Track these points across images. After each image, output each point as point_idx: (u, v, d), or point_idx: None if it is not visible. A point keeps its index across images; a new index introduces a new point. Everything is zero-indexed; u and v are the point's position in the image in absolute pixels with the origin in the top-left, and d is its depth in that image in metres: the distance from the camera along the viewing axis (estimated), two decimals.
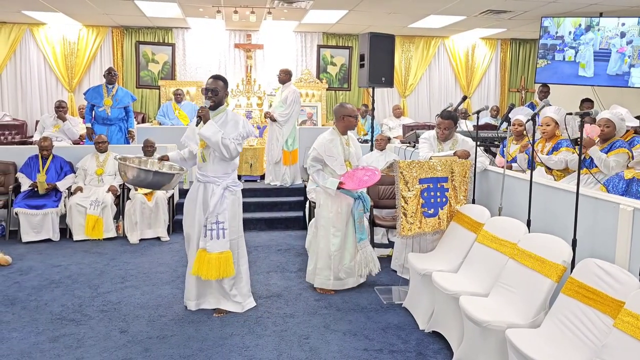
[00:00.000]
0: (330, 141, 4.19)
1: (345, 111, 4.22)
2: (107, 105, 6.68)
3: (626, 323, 2.25)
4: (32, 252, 5.36)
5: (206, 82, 3.81)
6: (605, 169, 3.99)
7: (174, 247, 5.64)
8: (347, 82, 10.29)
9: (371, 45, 6.05)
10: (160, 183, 3.74)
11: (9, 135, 8.27)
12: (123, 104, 6.81)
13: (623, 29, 7.51)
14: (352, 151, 4.30)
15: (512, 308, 2.89)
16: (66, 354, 3.21)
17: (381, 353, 3.26)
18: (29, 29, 9.15)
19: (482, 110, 4.40)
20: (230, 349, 3.29)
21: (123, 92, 6.90)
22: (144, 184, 3.82)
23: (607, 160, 3.99)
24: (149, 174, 3.66)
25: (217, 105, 3.74)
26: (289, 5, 7.56)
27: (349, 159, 4.26)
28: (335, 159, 4.14)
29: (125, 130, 6.91)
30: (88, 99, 6.79)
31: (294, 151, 7.12)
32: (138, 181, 3.69)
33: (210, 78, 3.78)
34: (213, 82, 3.73)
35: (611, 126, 4.16)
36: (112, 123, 6.77)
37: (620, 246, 2.81)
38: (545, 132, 4.58)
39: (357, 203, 4.20)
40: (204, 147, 3.71)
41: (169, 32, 9.62)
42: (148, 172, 3.67)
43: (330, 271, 4.20)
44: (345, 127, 4.25)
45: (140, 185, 3.92)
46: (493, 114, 9.59)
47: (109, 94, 6.71)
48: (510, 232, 3.34)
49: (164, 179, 3.73)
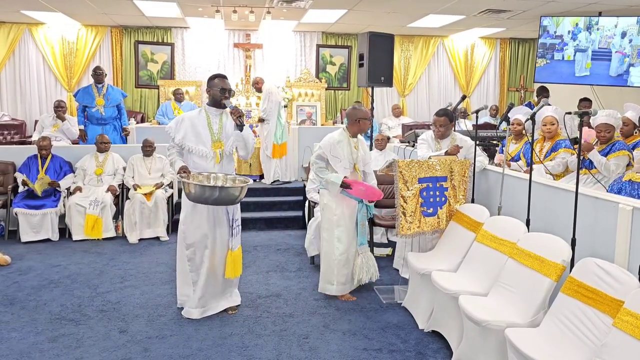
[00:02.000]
0: (337, 142, 4.08)
1: (360, 114, 4.09)
2: (99, 105, 6.66)
3: (625, 322, 2.25)
4: (32, 252, 5.36)
5: (216, 82, 3.72)
6: (606, 172, 3.98)
7: (173, 247, 5.62)
8: (346, 82, 10.28)
9: (370, 45, 6.05)
10: (228, 198, 3.47)
11: (8, 135, 8.26)
12: (115, 102, 6.80)
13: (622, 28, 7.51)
14: (360, 155, 4.19)
15: (511, 307, 2.89)
16: (65, 354, 3.21)
17: (380, 352, 3.26)
18: (27, 29, 9.14)
19: (482, 109, 4.40)
20: (229, 348, 3.29)
21: (113, 90, 6.88)
22: (211, 201, 3.46)
23: (608, 164, 3.98)
24: (214, 190, 3.41)
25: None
26: (288, 4, 7.56)
27: (357, 163, 4.14)
28: (339, 160, 4.05)
29: (120, 128, 6.89)
30: (79, 100, 6.76)
31: (282, 144, 7.32)
32: (204, 199, 3.43)
33: (222, 78, 3.74)
34: (227, 82, 3.75)
35: (612, 131, 4.16)
36: (107, 122, 6.77)
37: (620, 245, 2.81)
38: (550, 132, 4.56)
39: (361, 207, 4.16)
40: (222, 148, 3.70)
41: (168, 32, 9.61)
42: (214, 189, 3.43)
43: (333, 275, 4.09)
44: (358, 130, 4.13)
45: (207, 202, 3.49)
46: (492, 113, 9.60)
47: (99, 94, 6.69)
48: (509, 231, 3.34)
49: (233, 192, 3.47)
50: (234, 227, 3.72)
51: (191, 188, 3.42)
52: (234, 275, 3.76)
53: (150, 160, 6.27)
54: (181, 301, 3.88)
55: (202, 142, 3.69)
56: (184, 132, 3.70)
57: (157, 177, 6.23)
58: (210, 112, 3.76)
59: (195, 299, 3.73)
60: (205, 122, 3.72)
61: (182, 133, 3.70)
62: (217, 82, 3.72)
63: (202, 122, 3.72)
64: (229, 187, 3.50)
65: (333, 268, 4.08)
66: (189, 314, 3.74)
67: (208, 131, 3.70)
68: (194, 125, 3.71)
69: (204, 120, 3.72)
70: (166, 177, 6.27)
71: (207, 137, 3.69)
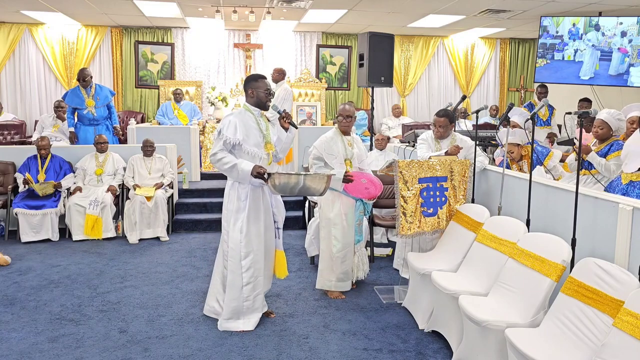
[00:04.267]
0: (330, 139, 4.18)
1: (339, 111, 4.23)
2: (90, 107, 6.65)
3: (625, 322, 2.25)
4: (32, 252, 5.36)
5: (260, 83, 3.58)
6: (607, 172, 3.97)
7: (173, 247, 5.64)
8: (346, 82, 10.29)
9: (370, 45, 6.05)
10: (314, 188, 3.44)
11: (8, 135, 8.25)
12: (105, 101, 6.79)
13: (622, 28, 7.52)
14: (355, 152, 4.23)
15: (511, 307, 2.89)
16: (65, 354, 3.21)
17: (381, 352, 3.26)
18: (28, 29, 9.14)
19: (482, 109, 4.40)
20: (229, 348, 3.29)
21: (102, 90, 6.85)
22: (295, 191, 3.48)
23: (608, 165, 3.97)
24: (300, 177, 3.39)
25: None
26: (288, 4, 7.56)
27: (350, 159, 4.20)
28: (335, 157, 4.13)
29: (111, 127, 6.89)
30: (69, 102, 6.72)
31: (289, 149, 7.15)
32: (289, 188, 3.42)
33: (264, 79, 3.62)
34: (268, 82, 3.62)
35: (605, 127, 4.15)
36: (99, 123, 6.77)
37: (620, 245, 2.81)
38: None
39: (358, 205, 4.18)
40: (273, 149, 3.64)
41: (168, 32, 9.61)
42: (299, 176, 3.40)
43: (332, 273, 4.15)
44: (341, 127, 4.22)
45: (292, 193, 3.52)
46: (492, 113, 9.60)
47: (88, 95, 6.67)
48: (509, 231, 3.33)
49: (319, 183, 3.42)
50: (279, 227, 3.73)
51: (281, 178, 3.36)
52: (284, 274, 3.75)
53: (150, 160, 6.27)
54: (212, 309, 3.72)
55: (257, 144, 3.53)
56: (241, 134, 3.47)
57: (157, 177, 6.23)
58: (255, 113, 3.60)
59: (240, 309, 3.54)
60: (255, 124, 3.56)
61: (240, 134, 3.46)
62: (260, 83, 3.56)
63: (251, 123, 3.54)
64: (316, 175, 3.46)
65: (331, 265, 4.14)
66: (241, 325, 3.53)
67: (259, 132, 3.55)
68: (246, 126, 3.52)
69: (253, 122, 3.55)
70: (166, 177, 6.27)
71: (260, 139, 3.55)
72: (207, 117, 9.01)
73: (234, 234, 3.51)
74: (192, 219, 6.40)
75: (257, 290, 3.57)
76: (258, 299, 3.59)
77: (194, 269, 4.89)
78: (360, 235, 4.21)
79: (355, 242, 4.19)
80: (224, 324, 3.54)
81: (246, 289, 3.52)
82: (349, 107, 4.23)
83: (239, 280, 3.51)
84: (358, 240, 4.20)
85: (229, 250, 3.53)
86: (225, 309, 3.54)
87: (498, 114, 9.63)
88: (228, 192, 3.59)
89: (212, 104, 9.00)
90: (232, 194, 3.56)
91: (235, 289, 3.52)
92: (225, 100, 9.01)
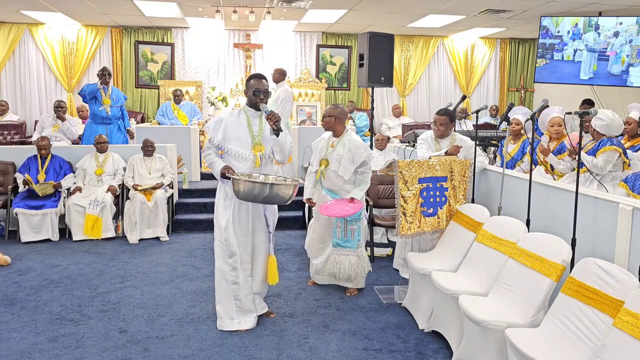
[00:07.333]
0: (322, 138, 4.37)
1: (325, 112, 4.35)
2: (106, 105, 6.68)
3: (625, 322, 2.25)
4: (32, 252, 5.36)
5: (251, 83, 3.50)
6: (595, 169, 3.96)
7: (173, 247, 5.64)
8: (346, 82, 10.29)
9: (370, 45, 6.05)
10: (280, 196, 3.30)
11: (8, 135, 8.25)
12: (120, 102, 6.83)
13: (622, 28, 7.52)
14: (335, 153, 4.15)
15: (511, 307, 2.89)
16: (65, 354, 3.21)
17: (381, 352, 3.26)
18: (27, 29, 9.15)
19: (482, 109, 4.41)
20: (229, 348, 3.29)
21: (117, 91, 6.91)
22: (260, 199, 3.31)
23: (596, 161, 3.95)
24: (265, 187, 3.25)
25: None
26: (288, 4, 7.56)
27: (327, 158, 4.18)
28: (316, 155, 4.33)
29: (124, 129, 6.92)
30: (88, 92, 6.58)
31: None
32: (252, 196, 3.27)
33: (258, 79, 3.51)
34: (264, 82, 3.51)
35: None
36: (111, 122, 6.78)
37: (620, 245, 2.81)
38: (557, 133, 4.55)
39: None
40: (262, 151, 3.54)
41: (168, 32, 9.61)
42: (264, 185, 3.26)
43: (312, 259, 4.46)
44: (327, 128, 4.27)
45: (256, 200, 3.33)
46: (492, 113, 9.60)
47: (105, 93, 6.70)
48: (509, 231, 3.34)
49: (285, 190, 3.30)
50: (271, 232, 3.63)
51: (241, 185, 3.24)
52: (275, 280, 3.62)
53: (150, 160, 6.27)
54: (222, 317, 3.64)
55: (242, 145, 3.51)
56: (224, 133, 3.50)
57: (157, 177, 6.23)
58: (249, 113, 3.56)
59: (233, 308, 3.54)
60: (246, 124, 3.53)
61: (221, 134, 3.50)
62: (252, 83, 3.50)
63: (242, 123, 3.53)
64: (281, 184, 3.31)
65: (311, 253, 4.50)
66: (238, 324, 3.53)
67: (248, 133, 3.52)
68: (234, 126, 3.52)
69: (244, 122, 3.53)
70: (166, 177, 6.27)
71: (247, 140, 3.51)
72: (207, 117, 9.01)
73: (218, 232, 3.55)
74: (192, 219, 6.40)
75: (244, 290, 3.55)
76: (248, 299, 3.57)
77: (194, 269, 4.89)
78: (339, 239, 4.16)
79: (333, 244, 4.19)
80: (219, 322, 3.58)
81: (234, 287, 3.53)
82: (330, 108, 4.26)
83: (227, 277, 3.54)
84: (337, 244, 4.16)
85: (216, 248, 3.58)
86: (217, 307, 3.60)
87: (498, 114, 9.63)
88: (217, 191, 3.64)
89: (212, 104, 9.01)
90: (220, 192, 3.60)
91: (223, 288, 3.55)
92: (225, 100, 9.01)
